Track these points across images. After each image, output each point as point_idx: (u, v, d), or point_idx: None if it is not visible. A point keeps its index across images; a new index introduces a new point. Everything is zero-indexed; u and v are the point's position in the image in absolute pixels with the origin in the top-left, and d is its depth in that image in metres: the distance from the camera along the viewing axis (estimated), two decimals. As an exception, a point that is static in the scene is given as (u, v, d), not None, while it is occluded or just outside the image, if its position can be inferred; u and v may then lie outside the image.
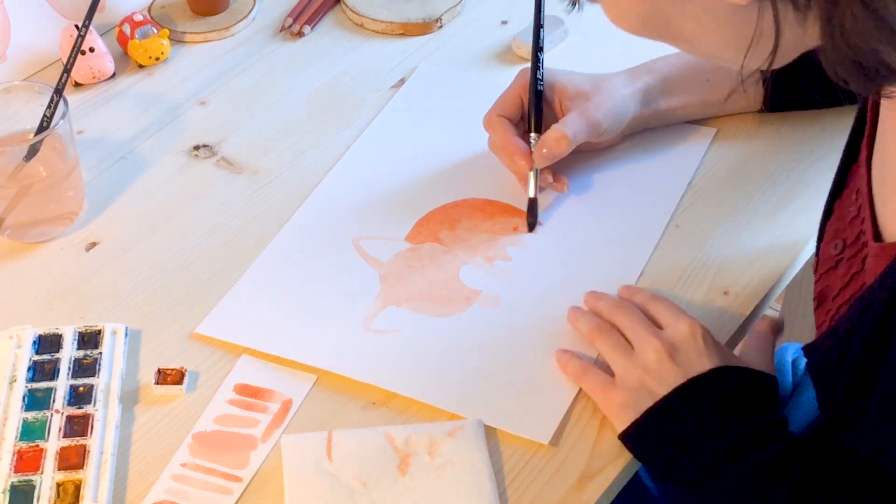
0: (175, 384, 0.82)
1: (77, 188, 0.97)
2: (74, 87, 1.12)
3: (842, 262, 0.75)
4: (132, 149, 1.06)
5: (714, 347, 0.80)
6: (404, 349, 0.86)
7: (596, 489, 0.77)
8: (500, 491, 0.76)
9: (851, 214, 0.76)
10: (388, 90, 1.12)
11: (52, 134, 0.92)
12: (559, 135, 0.94)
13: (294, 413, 0.82)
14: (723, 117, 1.04)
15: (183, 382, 0.82)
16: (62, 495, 0.75)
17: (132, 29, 1.14)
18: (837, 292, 0.74)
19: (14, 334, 0.86)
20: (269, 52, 1.18)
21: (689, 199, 0.99)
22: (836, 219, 0.80)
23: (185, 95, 1.12)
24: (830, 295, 0.76)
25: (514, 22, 1.22)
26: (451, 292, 0.91)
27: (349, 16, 1.23)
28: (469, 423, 0.80)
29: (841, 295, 0.74)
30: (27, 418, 0.80)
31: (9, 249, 0.96)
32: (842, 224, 0.78)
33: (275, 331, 0.87)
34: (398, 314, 0.89)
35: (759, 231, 0.96)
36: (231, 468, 0.78)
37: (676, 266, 0.93)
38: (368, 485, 0.76)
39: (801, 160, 1.02)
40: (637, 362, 0.79)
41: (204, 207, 1.00)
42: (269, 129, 1.08)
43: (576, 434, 0.80)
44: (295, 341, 0.86)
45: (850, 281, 0.74)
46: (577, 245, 0.94)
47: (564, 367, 0.83)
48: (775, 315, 1.60)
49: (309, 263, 0.93)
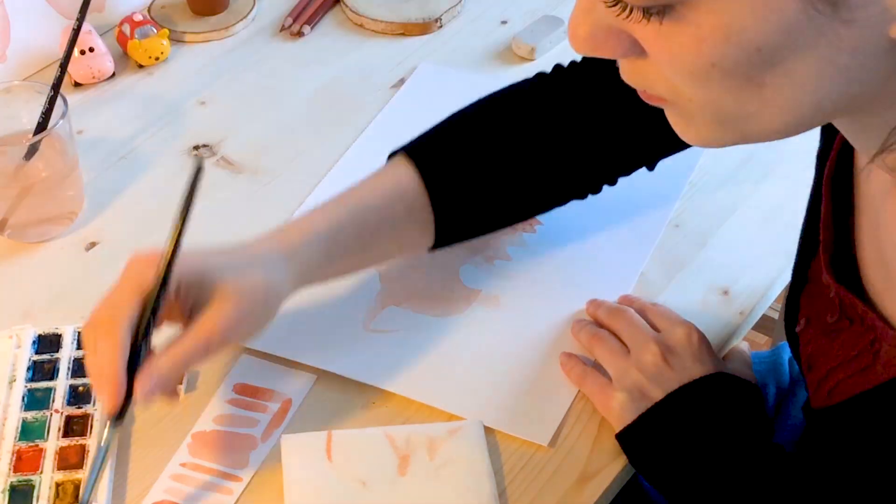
0: None
1: (77, 188, 0.97)
2: (74, 87, 1.12)
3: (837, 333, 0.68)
4: (132, 149, 1.06)
5: (708, 352, 0.80)
6: (404, 349, 0.86)
7: (595, 490, 0.77)
8: (500, 491, 0.76)
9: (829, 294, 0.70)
10: (388, 90, 1.12)
11: (51, 134, 0.92)
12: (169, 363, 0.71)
13: (294, 413, 0.82)
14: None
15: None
16: (61, 495, 0.75)
17: (132, 29, 1.14)
18: (836, 365, 0.68)
19: (14, 334, 0.86)
20: (269, 52, 1.18)
21: (689, 199, 0.99)
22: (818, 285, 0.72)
23: (185, 95, 1.12)
24: (826, 365, 0.70)
25: (513, 22, 1.22)
26: (451, 292, 0.91)
27: (349, 16, 1.23)
28: (469, 424, 0.80)
29: (843, 368, 0.68)
30: (26, 418, 0.80)
31: (9, 249, 0.96)
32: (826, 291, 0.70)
33: (275, 331, 0.87)
34: (398, 314, 0.89)
35: (759, 231, 0.96)
36: (231, 468, 0.78)
37: (676, 266, 0.93)
38: (368, 485, 0.76)
39: (801, 160, 1.01)
40: (633, 364, 0.79)
41: (204, 207, 0.99)
42: (269, 129, 1.08)
43: (575, 434, 0.80)
44: (295, 341, 0.86)
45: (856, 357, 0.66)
46: (577, 245, 0.94)
47: (567, 371, 0.83)
48: (775, 315, 1.60)
49: (309, 263, 0.93)
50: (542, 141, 0.86)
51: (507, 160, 0.86)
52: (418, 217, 0.84)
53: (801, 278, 0.75)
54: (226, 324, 0.73)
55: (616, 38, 0.52)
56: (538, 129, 0.86)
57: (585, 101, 0.87)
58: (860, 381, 0.65)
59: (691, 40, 0.49)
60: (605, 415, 0.80)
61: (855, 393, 0.66)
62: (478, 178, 0.85)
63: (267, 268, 0.76)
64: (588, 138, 0.87)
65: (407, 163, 0.84)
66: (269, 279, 0.76)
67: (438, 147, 0.86)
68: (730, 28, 0.47)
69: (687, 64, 0.50)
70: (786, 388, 0.96)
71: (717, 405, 0.77)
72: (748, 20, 0.47)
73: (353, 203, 0.82)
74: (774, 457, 0.74)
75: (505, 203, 0.88)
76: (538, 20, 1.20)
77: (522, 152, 0.86)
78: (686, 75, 0.51)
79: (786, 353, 0.98)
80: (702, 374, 0.78)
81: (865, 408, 0.65)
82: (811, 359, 0.72)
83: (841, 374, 0.68)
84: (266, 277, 0.76)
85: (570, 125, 0.86)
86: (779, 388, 0.96)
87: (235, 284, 0.74)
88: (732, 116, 0.52)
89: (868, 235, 0.66)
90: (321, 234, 0.80)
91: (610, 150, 0.88)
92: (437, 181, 0.84)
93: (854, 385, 0.66)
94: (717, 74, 0.50)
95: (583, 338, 0.85)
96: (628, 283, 0.91)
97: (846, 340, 0.67)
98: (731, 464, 0.74)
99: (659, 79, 0.53)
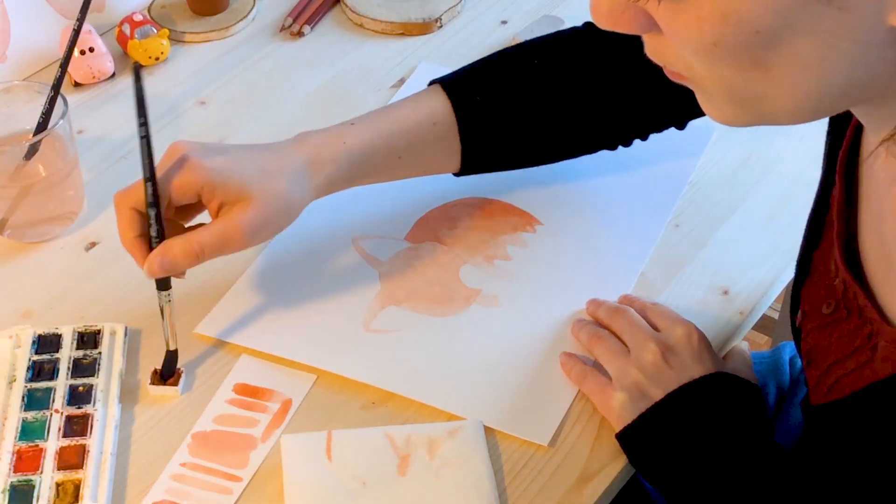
0: (171, 385, 0.82)
1: (77, 188, 0.97)
2: (74, 87, 1.12)
3: (835, 325, 0.69)
4: (132, 149, 1.06)
5: (708, 352, 0.80)
6: (404, 349, 0.86)
7: (595, 489, 0.77)
8: (500, 491, 0.76)
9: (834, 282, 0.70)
10: (387, 90, 1.12)
11: (51, 133, 0.92)
12: (184, 247, 0.79)
13: (294, 413, 0.82)
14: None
15: (179, 384, 0.82)
16: (62, 495, 0.75)
17: (132, 29, 1.14)
18: (836, 360, 0.69)
19: (14, 334, 0.85)
20: (269, 52, 1.18)
21: (689, 199, 0.99)
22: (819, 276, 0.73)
23: (185, 95, 1.12)
24: (826, 361, 0.70)
25: (513, 22, 1.22)
26: (451, 292, 0.91)
27: (349, 16, 1.23)
28: (469, 424, 0.80)
29: (842, 364, 0.68)
30: (27, 418, 0.80)
31: (9, 249, 0.96)
32: (827, 281, 0.71)
33: (275, 331, 0.87)
34: (398, 314, 0.89)
35: (759, 231, 0.96)
36: (231, 468, 0.78)
37: (676, 266, 0.93)
38: (368, 485, 0.76)
39: (801, 159, 1.02)
40: (633, 363, 0.79)
41: (204, 207, 1.00)
42: (269, 129, 1.08)
43: (575, 434, 0.80)
44: (295, 341, 0.86)
45: (854, 353, 0.67)
46: (577, 245, 0.94)
47: (567, 371, 0.83)
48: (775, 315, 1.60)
49: (309, 263, 0.93)
50: (578, 86, 0.90)
51: (539, 100, 0.89)
52: (447, 146, 0.89)
53: (803, 270, 0.75)
54: (246, 225, 0.79)
55: (633, 13, 0.54)
56: (575, 75, 0.90)
57: (624, 54, 0.89)
58: (859, 376, 0.66)
59: (693, 20, 0.51)
60: (605, 414, 0.80)
61: (854, 389, 0.66)
62: (507, 114, 0.89)
63: (292, 179, 0.82)
64: (623, 89, 0.90)
65: (442, 92, 0.89)
66: (293, 189, 0.82)
67: (474, 81, 0.90)
68: (726, 10, 0.50)
69: (692, 42, 0.52)
70: (786, 388, 0.96)
71: (717, 405, 0.77)
72: (743, 3, 0.49)
73: (386, 126, 0.87)
74: (774, 457, 0.74)
75: (532, 141, 0.91)
76: (538, 20, 1.20)
77: (556, 94, 0.89)
78: (693, 53, 0.53)
79: (786, 353, 0.98)
80: (702, 374, 0.78)
81: (864, 405, 0.65)
82: (811, 353, 0.72)
83: (840, 370, 0.68)
84: (290, 188, 0.82)
85: (608, 74, 0.90)
86: (779, 388, 0.96)
87: (261, 190, 0.80)
88: (745, 96, 0.54)
89: (870, 226, 0.66)
90: (352, 152, 0.85)
91: (644, 103, 0.91)
92: (468, 113, 0.88)
93: (853, 381, 0.66)
94: (722, 54, 0.52)
95: (583, 338, 0.85)
96: (628, 283, 0.91)
97: (843, 333, 0.68)
98: (731, 464, 0.74)
99: (675, 56, 0.55)
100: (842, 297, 0.68)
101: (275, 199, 0.81)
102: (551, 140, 0.92)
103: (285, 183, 0.81)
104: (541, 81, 0.90)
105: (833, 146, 0.72)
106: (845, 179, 0.69)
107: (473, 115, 0.88)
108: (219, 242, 0.80)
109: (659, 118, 0.93)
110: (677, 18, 0.52)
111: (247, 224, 0.79)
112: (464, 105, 0.88)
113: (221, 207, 0.80)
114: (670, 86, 0.60)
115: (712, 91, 0.56)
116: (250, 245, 0.82)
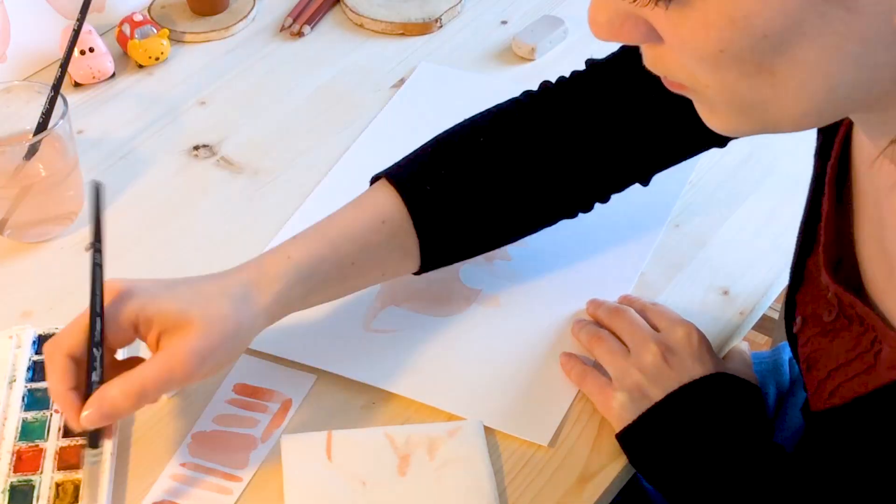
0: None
1: (77, 188, 0.97)
2: (74, 87, 1.12)
3: (836, 332, 0.69)
4: (132, 149, 1.06)
5: (708, 353, 0.80)
6: (404, 349, 0.86)
7: (595, 489, 0.77)
8: (500, 491, 0.76)
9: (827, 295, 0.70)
10: (387, 90, 1.13)
11: (51, 134, 0.92)
12: (123, 389, 0.70)
13: (294, 413, 0.82)
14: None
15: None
16: (61, 495, 0.75)
17: (132, 29, 1.14)
18: (837, 366, 0.68)
19: (14, 334, 0.86)
20: (269, 52, 1.18)
21: (689, 199, 0.99)
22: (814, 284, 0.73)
23: (185, 95, 1.12)
24: (827, 366, 0.70)
25: (513, 22, 1.22)
26: (451, 292, 0.91)
27: (349, 16, 1.23)
28: (469, 424, 0.80)
29: (844, 370, 0.67)
30: (26, 418, 0.80)
31: (9, 249, 0.96)
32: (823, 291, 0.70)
33: (275, 331, 0.87)
34: (398, 314, 0.89)
35: (759, 231, 0.96)
36: (231, 468, 0.78)
37: (676, 266, 0.93)
38: (368, 485, 0.76)
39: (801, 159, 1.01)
40: (633, 364, 0.79)
41: (204, 207, 1.00)
42: (269, 129, 1.08)
43: (575, 434, 0.80)
44: (295, 341, 0.86)
45: (857, 358, 0.66)
46: (577, 244, 0.94)
47: (567, 371, 0.83)
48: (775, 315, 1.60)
49: (309, 263, 0.93)
50: (529, 161, 0.84)
51: (492, 179, 0.84)
52: (402, 243, 0.82)
53: (798, 277, 0.75)
54: (189, 352, 0.71)
55: (633, 23, 0.53)
56: (524, 150, 0.84)
57: (574, 118, 0.85)
58: (862, 382, 0.65)
59: (699, 26, 0.50)
60: (605, 415, 0.80)
61: (856, 395, 0.66)
62: (462, 199, 0.83)
63: (237, 300, 0.74)
64: (577, 156, 0.85)
65: (389, 188, 0.82)
66: (238, 311, 0.74)
67: (421, 170, 0.83)
68: (734, 14, 0.48)
69: (697, 50, 0.51)
70: (786, 389, 0.96)
71: (717, 405, 0.77)
72: (752, 6, 0.48)
73: (332, 233, 0.80)
74: (774, 457, 0.74)
75: (492, 226, 0.85)
76: (538, 20, 1.20)
77: (508, 171, 0.84)
78: (698, 61, 0.52)
79: (786, 354, 0.98)
80: (702, 374, 0.78)
81: (867, 410, 0.65)
82: (810, 359, 0.72)
83: (842, 376, 0.67)
84: (234, 310, 0.74)
85: (558, 144, 0.85)
86: (779, 389, 0.96)
87: (202, 314, 0.72)
88: (750, 103, 0.53)
89: (869, 233, 0.66)
90: (300, 266, 0.78)
91: (601, 167, 0.86)
92: (421, 206, 0.82)
93: (856, 386, 0.66)
94: (728, 60, 0.50)
95: (583, 338, 0.85)
96: (628, 283, 0.91)
97: (846, 340, 0.67)
98: (731, 464, 0.74)
99: (677, 65, 0.54)
100: (838, 307, 0.68)
101: (219, 321, 0.72)
102: (510, 219, 0.86)
103: (228, 304, 0.73)
104: (490, 160, 0.83)
105: (821, 155, 0.71)
106: (838, 187, 0.69)
107: (426, 206, 0.82)
108: (163, 377, 0.71)
109: (618, 177, 0.88)
110: (683, 25, 0.50)
111: (190, 351, 0.71)
112: (414, 197, 0.81)
113: (161, 339, 0.73)
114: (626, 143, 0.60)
115: (715, 99, 0.54)
116: (198, 377, 0.72)
